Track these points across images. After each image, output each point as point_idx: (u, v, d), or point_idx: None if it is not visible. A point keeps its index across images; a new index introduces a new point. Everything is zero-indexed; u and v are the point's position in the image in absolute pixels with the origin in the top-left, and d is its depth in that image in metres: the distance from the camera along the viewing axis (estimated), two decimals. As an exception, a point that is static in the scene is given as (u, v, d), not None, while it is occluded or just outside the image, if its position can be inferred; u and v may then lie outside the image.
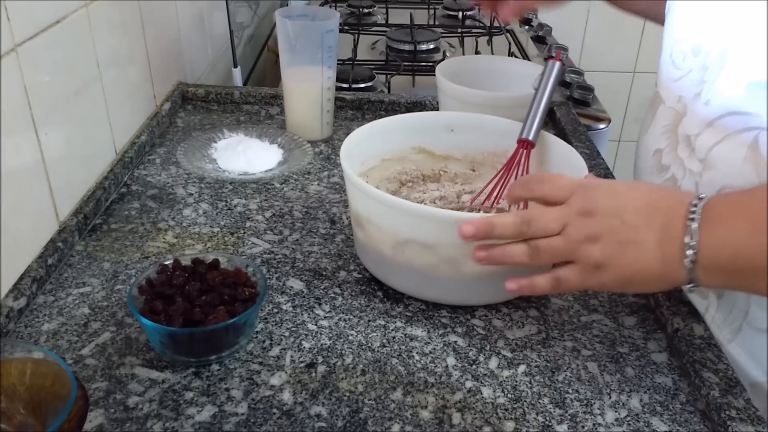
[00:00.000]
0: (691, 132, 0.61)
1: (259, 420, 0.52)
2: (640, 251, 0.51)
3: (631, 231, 0.51)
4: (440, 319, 0.63)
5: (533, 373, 0.57)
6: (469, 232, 0.55)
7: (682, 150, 0.62)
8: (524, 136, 0.70)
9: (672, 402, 0.55)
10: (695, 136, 0.61)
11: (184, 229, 0.74)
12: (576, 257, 0.52)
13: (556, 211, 0.53)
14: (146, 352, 0.58)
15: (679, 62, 0.64)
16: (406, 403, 0.54)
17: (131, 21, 0.86)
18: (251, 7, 1.53)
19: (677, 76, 0.64)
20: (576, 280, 0.53)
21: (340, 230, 0.75)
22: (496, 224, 0.54)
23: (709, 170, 0.59)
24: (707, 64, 0.60)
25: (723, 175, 0.58)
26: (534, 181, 0.56)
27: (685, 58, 0.64)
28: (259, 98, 1.05)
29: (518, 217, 0.53)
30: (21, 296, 0.60)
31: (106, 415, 0.52)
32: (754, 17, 0.56)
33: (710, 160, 0.59)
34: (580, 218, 0.52)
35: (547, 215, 0.53)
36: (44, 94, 0.65)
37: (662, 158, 0.65)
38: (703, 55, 0.61)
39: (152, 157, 0.88)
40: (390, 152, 0.76)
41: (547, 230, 0.53)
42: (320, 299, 0.65)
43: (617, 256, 0.51)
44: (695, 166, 0.61)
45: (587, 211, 0.52)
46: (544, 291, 0.55)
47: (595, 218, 0.52)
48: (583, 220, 0.52)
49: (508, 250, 0.55)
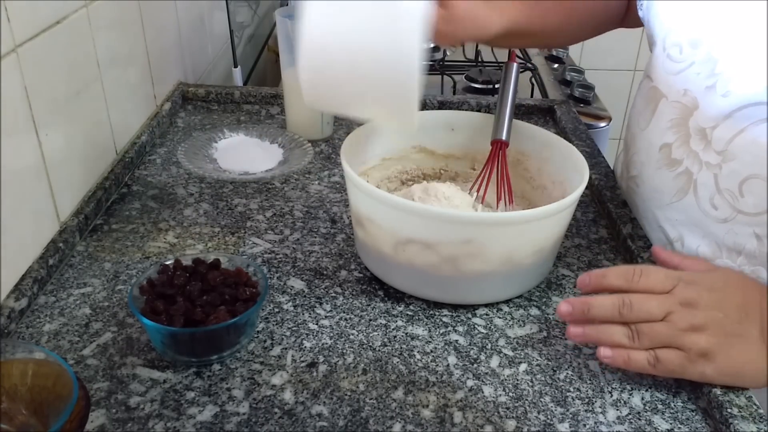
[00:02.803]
0: (705, 125, 0.61)
1: (261, 419, 0.52)
2: (747, 344, 0.52)
3: (736, 324, 0.52)
4: (441, 318, 0.63)
5: (534, 371, 0.57)
6: (565, 311, 0.55)
7: (696, 143, 0.62)
8: (497, 137, 0.70)
9: (673, 400, 0.55)
10: (711, 129, 0.60)
11: (184, 229, 0.74)
12: (680, 344, 0.52)
13: (660, 298, 0.53)
14: (147, 352, 0.58)
15: (675, 55, 0.64)
16: (408, 402, 0.54)
17: (131, 21, 0.86)
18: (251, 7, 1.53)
19: (676, 69, 0.64)
20: (676, 365, 0.53)
21: (340, 230, 0.75)
22: (594, 305, 0.54)
23: (730, 161, 0.59)
24: (714, 56, 0.60)
25: (746, 165, 0.58)
26: (636, 273, 0.55)
27: (682, 50, 0.63)
28: (260, 98, 1.05)
29: (619, 299, 0.53)
30: (22, 297, 0.60)
31: (107, 415, 0.52)
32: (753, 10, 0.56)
33: (731, 152, 0.59)
34: (683, 308, 0.53)
35: (651, 301, 0.53)
36: (44, 94, 0.65)
37: (672, 152, 0.64)
38: (706, 47, 0.61)
39: (153, 157, 0.88)
40: (390, 151, 0.76)
41: (650, 315, 0.53)
42: (321, 299, 0.65)
43: (725, 346, 0.52)
44: (713, 159, 0.60)
45: (690, 303, 0.53)
46: (639, 367, 0.54)
47: (698, 310, 0.52)
48: (687, 310, 0.53)
49: (606, 331, 0.54)
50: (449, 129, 0.77)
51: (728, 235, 0.61)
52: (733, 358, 0.52)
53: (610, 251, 0.73)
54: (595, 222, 0.78)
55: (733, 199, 0.59)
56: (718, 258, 0.62)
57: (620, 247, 0.73)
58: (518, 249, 0.61)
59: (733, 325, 0.52)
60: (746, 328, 0.52)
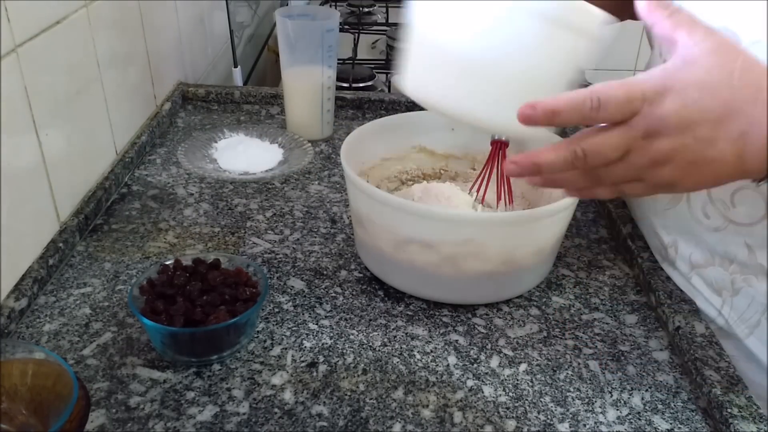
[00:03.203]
0: None
1: (261, 419, 0.52)
2: (717, 167, 0.45)
3: (707, 147, 0.45)
4: (441, 318, 0.63)
5: (534, 371, 0.57)
6: (513, 171, 0.49)
7: None
8: (497, 137, 0.70)
9: (673, 400, 0.55)
10: None
11: (184, 229, 0.74)
12: (642, 178, 0.47)
13: (615, 137, 0.46)
14: (147, 352, 0.58)
15: None
16: (408, 402, 0.54)
17: (131, 21, 0.86)
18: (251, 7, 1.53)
19: None
20: (642, 193, 0.49)
21: (340, 229, 0.75)
22: (543, 163, 0.47)
23: None
24: None
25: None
26: (592, 105, 0.45)
27: None
28: (260, 98, 1.05)
29: (570, 153, 0.46)
30: (22, 297, 0.60)
31: (107, 415, 0.52)
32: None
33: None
34: (645, 141, 0.45)
35: (605, 146, 0.46)
36: (45, 94, 0.65)
37: None
38: None
39: (153, 157, 0.88)
40: (390, 151, 0.76)
41: (607, 159, 0.46)
42: (321, 299, 0.65)
43: (690, 175, 0.46)
44: None
45: (653, 132, 0.45)
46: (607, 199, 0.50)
47: (662, 139, 0.45)
48: (649, 142, 0.45)
49: (559, 178, 0.49)
50: (449, 129, 0.77)
51: (720, 243, 0.60)
52: (701, 182, 0.47)
53: (610, 251, 0.73)
54: (595, 222, 0.78)
55: (725, 209, 0.59)
56: (710, 266, 0.62)
57: (620, 247, 0.73)
58: (518, 249, 0.61)
59: (703, 151, 0.45)
60: (719, 148, 0.44)
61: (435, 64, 0.52)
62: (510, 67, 0.50)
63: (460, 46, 0.50)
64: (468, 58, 0.50)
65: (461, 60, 0.50)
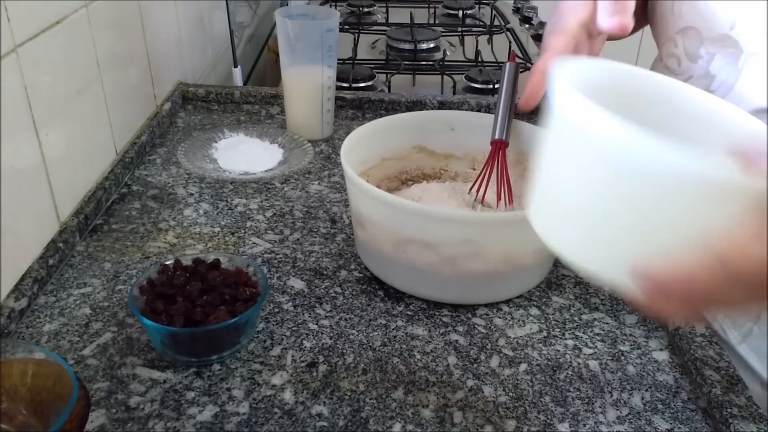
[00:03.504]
0: None
1: (261, 419, 0.52)
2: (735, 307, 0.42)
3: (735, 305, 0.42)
4: (441, 318, 0.63)
5: (534, 371, 0.57)
6: None
7: None
8: (496, 137, 0.70)
9: (673, 400, 0.55)
10: None
11: (184, 229, 0.74)
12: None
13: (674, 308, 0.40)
14: (147, 352, 0.58)
15: (674, 67, 0.64)
16: (408, 402, 0.54)
17: (131, 21, 0.86)
18: (251, 7, 1.53)
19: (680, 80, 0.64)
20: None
21: (340, 230, 0.75)
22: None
23: None
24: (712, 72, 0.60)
25: None
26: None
27: (680, 63, 0.63)
28: (260, 98, 1.05)
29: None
30: (22, 297, 0.60)
31: (107, 415, 0.52)
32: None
33: None
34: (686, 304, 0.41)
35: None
36: (44, 94, 0.65)
37: None
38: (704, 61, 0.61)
39: (153, 157, 0.88)
40: (390, 151, 0.76)
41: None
42: (321, 299, 0.65)
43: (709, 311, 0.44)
44: None
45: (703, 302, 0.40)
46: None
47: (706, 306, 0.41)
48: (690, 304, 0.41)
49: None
50: (449, 129, 0.77)
51: None
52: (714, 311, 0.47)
53: (610, 251, 0.73)
54: (595, 222, 0.78)
55: None
56: None
57: (620, 247, 0.73)
58: (518, 249, 0.61)
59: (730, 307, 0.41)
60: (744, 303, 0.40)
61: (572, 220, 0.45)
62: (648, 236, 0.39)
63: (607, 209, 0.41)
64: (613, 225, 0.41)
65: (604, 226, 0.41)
